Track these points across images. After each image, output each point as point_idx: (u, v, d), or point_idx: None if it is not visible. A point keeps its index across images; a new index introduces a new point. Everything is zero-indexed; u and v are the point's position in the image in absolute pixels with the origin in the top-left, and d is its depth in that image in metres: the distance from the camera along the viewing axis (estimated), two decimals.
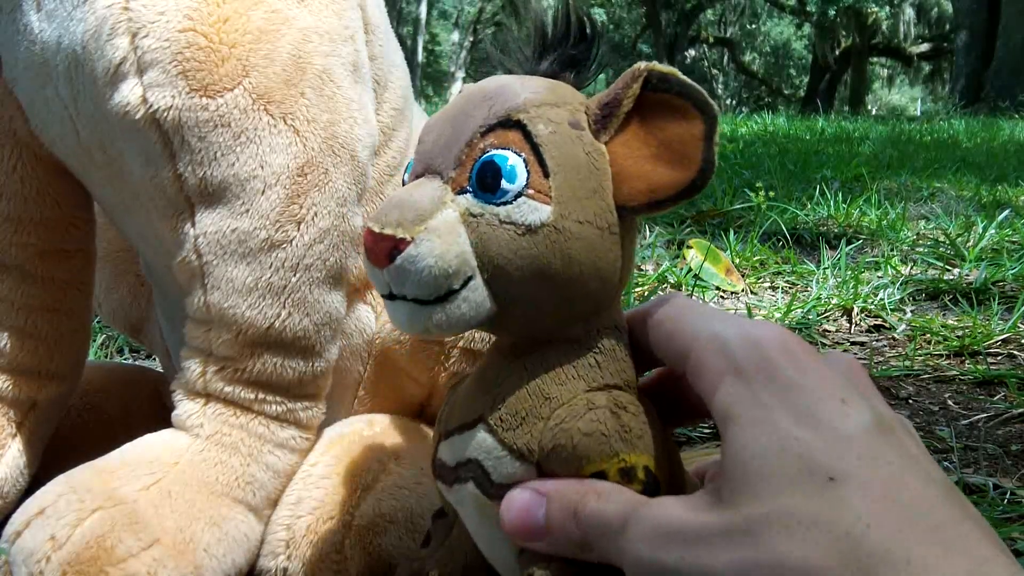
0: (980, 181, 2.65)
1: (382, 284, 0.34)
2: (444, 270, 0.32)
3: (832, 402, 0.30)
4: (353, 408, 0.64)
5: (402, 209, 0.33)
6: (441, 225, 0.32)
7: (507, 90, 0.34)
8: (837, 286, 1.34)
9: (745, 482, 0.29)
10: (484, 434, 0.35)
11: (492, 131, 0.33)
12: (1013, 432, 0.82)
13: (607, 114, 0.34)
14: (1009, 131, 4.98)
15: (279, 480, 0.53)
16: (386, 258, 0.32)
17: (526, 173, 0.33)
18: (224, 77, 0.50)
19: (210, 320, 0.52)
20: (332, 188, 0.53)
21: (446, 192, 0.33)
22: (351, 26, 0.56)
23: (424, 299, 0.33)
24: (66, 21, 0.51)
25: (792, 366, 0.31)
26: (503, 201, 0.33)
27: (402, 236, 0.32)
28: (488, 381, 0.36)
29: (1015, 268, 1.40)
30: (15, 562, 0.45)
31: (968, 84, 10.48)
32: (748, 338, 0.32)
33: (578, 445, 0.33)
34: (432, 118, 0.36)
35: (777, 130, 5.05)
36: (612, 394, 0.35)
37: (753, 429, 0.30)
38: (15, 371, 0.59)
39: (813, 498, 0.28)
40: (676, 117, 0.33)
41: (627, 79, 0.34)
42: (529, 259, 0.33)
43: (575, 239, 0.33)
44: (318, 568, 0.50)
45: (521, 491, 0.34)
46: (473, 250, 0.33)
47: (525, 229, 0.32)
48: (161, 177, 0.51)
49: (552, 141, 0.33)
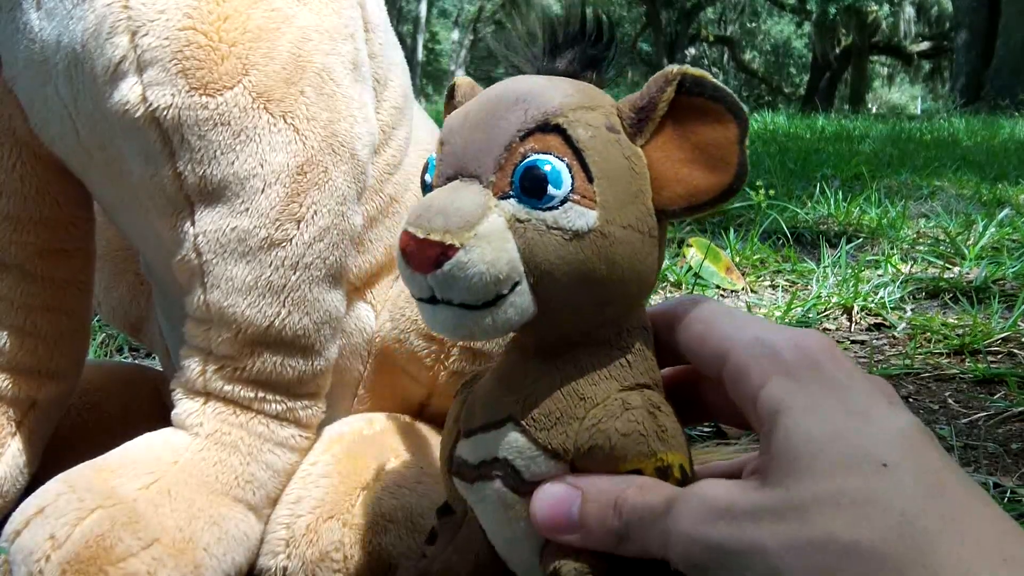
0: (980, 179, 2.65)
1: (423, 289, 0.33)
2: (495, 276, 0.32)
3: (880, 402, 0.31)
4: (353, 407, 0.64)
5: (447, 215, 0.32)
6: (490, 231, 0.32)
7: (540, 92, 0.34)
8: (837, 284, 1.34)
9: (796, 465, 0.29)
10: (515, 434, 0.35)
11: (531, 135, 0.33)
12: (1013, 431, 0.82)
13: (642, 118, 0.34)
14: (1009, 129, 4.98)
15: (279, 479, 0.53)
16: (432, 265, 0.32)
17: (571, 178, 0.32)
18: (224, 75, 0.50)
19: (210, 319, 0.52)
20: (332, 186, 0.53)
21: (489, 197, 0.33)
22: (351, 24, 0.56)
23: (472, 304, 0.32)
24: (66, 19, 0.51)
25: (839, 370, 0.32)
26: (549, 206, 0.32)
27: (451, 242, 0.31)
28: (514, 381, 0.36)
29: (1015, 266, 1.40)
30: (15, 561, 0.45)
31: (968, 82, 10.48)
32: (795, 342, 0.33)
33: (616, 445, 0.34)
34: (455, 119, 0.36)
35: (777, 128, 5.05)
36: (645, 393, 0.35)
37: (805, 418, 0.30)
38: (15, 370, 0.59)
39: (867, 480, 0.28)
40: (710, 121, 0.34)
41: (660, 83, 0.34)
42: (575, 264, 0.32)
43: (619, 244, 0.33)
44: (318, 567, 0.50)
45: (554, 485, 0.34)
46: (520, 255, 0.32)
47: (572, 235, 0.32)
48: (161, 176, 0.51)
49: (593, 146, 0.33)
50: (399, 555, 0.52)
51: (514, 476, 0.35)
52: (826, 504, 0.28)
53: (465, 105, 0.36)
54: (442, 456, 0.39)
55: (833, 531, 0.28)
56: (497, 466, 0.35)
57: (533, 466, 0.35)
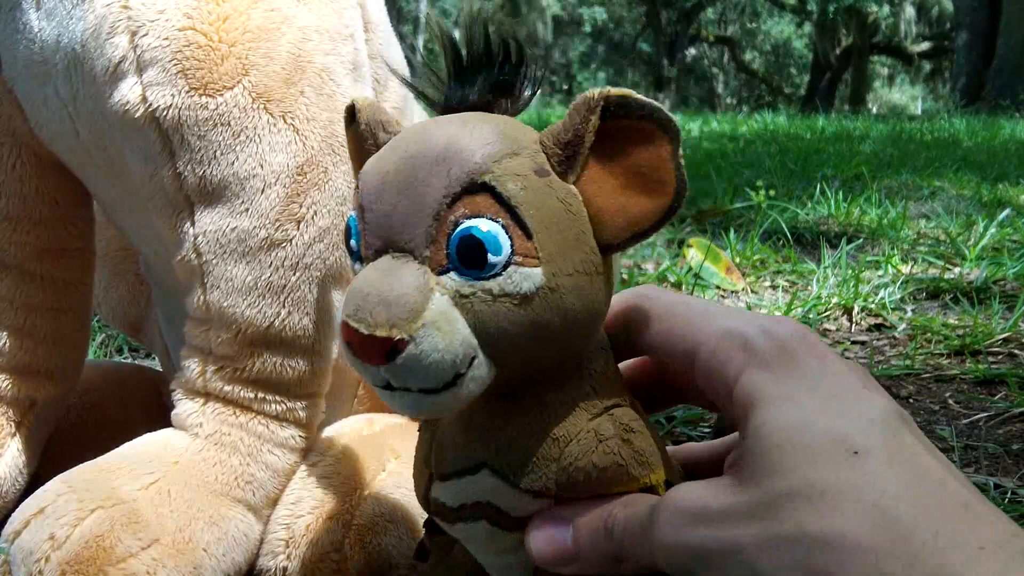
0: (981, 180, 2.65)
1: (377, 378, 0.31)
2: (451, 360, 0.30)
3: (855, 388, 0.31)
4: (353, 407, 0.64)
5: (388, 306, 0.30)
6: (437, 315, 0.30)
7: (460, 148, 0.31)
8: (837, 285, 1.34)
9: (767, 459, 0.29)
10: (494, 479, 0.34)
11: (459, 199, 0.31)
12: (1014, 431, 0.82)
13: (570, 154, 0.32)
14: (1010, 130, 4.97)
15: (279, 479, 0.53)
16: (382, 358, 0.30)
17: (508, 239, 0.30)
18: (224, 76, 0.50)
19: (210, 319, 0.52)
20: (332, 187, 0.53)
21: (428, 275, 0.31)
22: (351, 25, 0.56)
23: (432, 389, 0.31)
24: (65, 19, 0.51)
25: (813, 356, 0.31)
26: (492, 275, 0.30)
27: (399, 337, 0.29)
28: (482, 426, 0.35)
29: (1016, 267, 1.40)
30: (14, 561, 0.45)
31: (969, 83, 10.48)
32: (767, 331, 0.32)
33: (596, 479, 0.33)
34: (373, 181, 0.33)
35: (778, 129, 5.05)
36: (615, 417, 0.34)
37: (776, 409, 0.30)
38: (14, 370, 0.59)
39: (837, 470, 0.28)
40: (640, 141, 0.32)
41: (582, 111, 0.32)
42: (528, 325, 0.31)
43: (569, 293, 0.31)
44: (317, 568, 0.50)
45: (544, 523, 0.34)
46: (471, 330, 0.31)
47: (521, 299, 0.31)
48: (160, 176, 0.51)
49: (525, 198, 0.31)
50: (398, 555, 0.52)
51: (500, 515, 0.34)
52: (796, 498, 0.28)
53: (378, 162, 0.33)
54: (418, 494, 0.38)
55: (804, 525, 0.27)
56: (480, 509, 0.35)
57: (519, 505, 0.34)
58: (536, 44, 2.46)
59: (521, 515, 0.34)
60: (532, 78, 0.35)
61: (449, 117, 0.34)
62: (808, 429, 0.29)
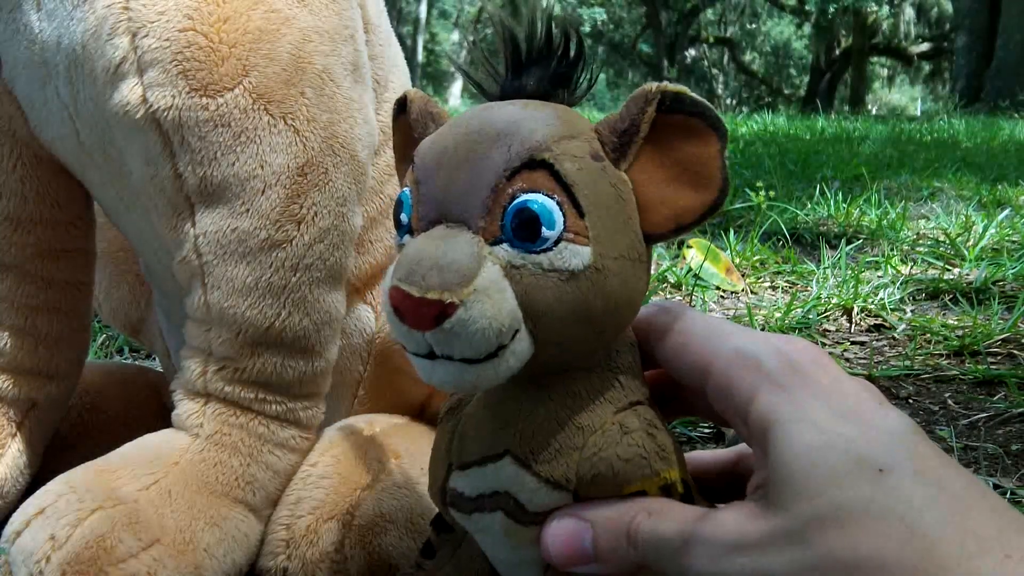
0: (980, 180, 2.65)
1: (420, 345, 0.32)
2: (498, 329, 0.31)
3: (871, 404, 0.31)
4: (353, 408, 0.64)
5: (441, 270, 0.30)
6: (488, 283, 0.31)
7: (521, 126, 0.32)
8: (837, 286, 1.34)
9: (791, 481, 0.29)
10: (515, 467, 0.34)
11: (518, 173, 0.32)
12: (1013, 432, 0.82)
13: (625, 142, 0.33)
14: (1009, 131, 4.98)
15: (279, 480, 0.53)
16: (431, 323, 0.30)
17: (562, 216, 0.31)
18: (224, 77, 0.50)
19: (210, 320, 0.52)
20: (332, 188, 0.53)
21: (481, 245, 0.31)
22: (351, 26, 0.56)
23: (474, 358, 0.31)
24: (66, 21, 0.51)
25: (826, 375, 0.32)
26: (544, 248, 0.31)
27: (450, 300, 0.30)
28: (508, 413, 0.35)
29: (1015, 267, 1.40)
30: (15, 562, 0.45)
31: (968, 84, 10.48)
32: (779, 351, 0.32)
33: (619, 471, 0.33)
34: (430, 156, 0.34)
35: (777, 130, 5.05)
36: (640, 412, 0.34)
37: (796, 429, 0.30)
38: (15, 371, 0.59)
39: (864, 489, 0.28)
40: (691, 137, 0.33)
41: (640, 102, 0.33)
42: (572, 303, 0.32)
43: (613, 276, 0.32)
44: (318, 568, 0.50)
45: (562, 520, 0.34)
46: (518, 302, 0.31)
47: (568, 275, 0.31)
48: (161, 177, 0.51)
49: (581, 179, 0.32)
50: (399, 556, 0.52)
51: (516, 508, 0.35)
52: (825, 522, 0.28)
53: (437, 138, 0.34)
54: (434, 486, 0.38)
55: (834, 550, 0.27)
56: (498, 499, 0.35)
57: (536, 498, 0.34)
58: None
59: (538, 510, 0.34)
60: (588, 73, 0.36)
61: (509, 101, 0.35)
62: (831, 450, 0.29)
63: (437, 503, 0.39)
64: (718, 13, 21.10)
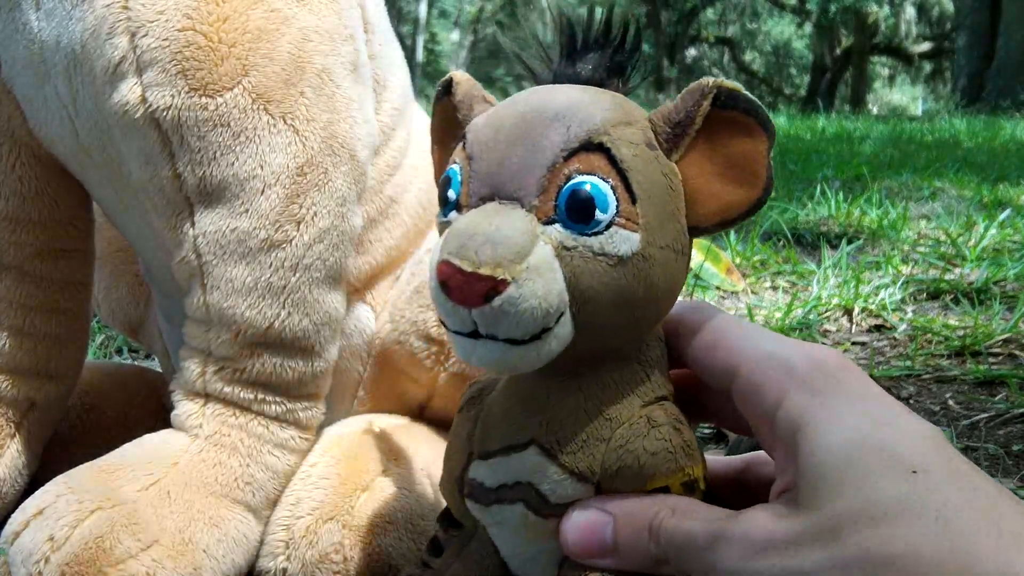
0: (981, 180, 2.65)
1: (466, 323, 0.31)
2: (546, 310, 0.30)
3: (900, 410, 0.31)
4: (353, 408, 0.64)
5: (495, 245, 0.30)
6: (540, 263, 0.30)
7: (580, 108, 0.32)
8: (838, 286, 1.34)
9: (824, 481, 0.29)
10: (540, 457, 0.34)
11: (575, 155, 0.31)
12: (1014, 432, 0.82)
13: (679, 133, 0.33)
14: (1010, 130, 4.97)
15: (278, 480, 0.53)
16: (480, 300, 0.30)
17: (615, 200, 0.31)
18: (223, 76, 0.50)
19: (209, 320, 0.52)
20: (332, 188, 0.53)
21: (535, 223, 0.31)
22: (351, 25, 0.56)
23: (519, 339, 0.31)
24: (65, 20, 0.51)
25: (856, 381, 0.32)
26: (596, 231, 0.31)
27: (503, 276, 0.29)
28: (535, 401, 0.35)
29: (1016, 268, 1.40)
30: (14, 562, 0.45)
31: (969, 83, 10.48)
32: (809, 356, 0.32)
33: (645, 464, 0.33)
34: (485, 133, 0.33)
35: (778, 129, 5.03)
36: (666, 407, 0.34)
37: (828, 430, 0.30)
38: (14, 371, 0.59)
39: (899, 487, 0.28)
40: (741, 134, 0.33)
41: (696, 96, 0.33)
42: (617, 289, 0.31)
43: (658, 265, 0.32)
44: (317, 569, 0.50)
45: (583, 511, 0.34)
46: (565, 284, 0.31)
47: (617, 260, 0.31)
48: (160, 177, 0.51)
49: (636, 165, 0.32)
50: (399, 556, 0.52)
51: (538, 499, 0.34)
52: (859, 519, 0.28)
53: (492, 116, 0.34)
54: (450, 476, 0.38)
55: (869, 547, 0.27)
56: (519, 490, 0.35)
57: (559, 489, 0.34)
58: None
59: (559, 502, 0.34)
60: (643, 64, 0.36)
61: (566, 85, 0.35)
62: (864, 449, 0.29)
63: (451, 495, 0.38)
64: (718, 13, 21.10)
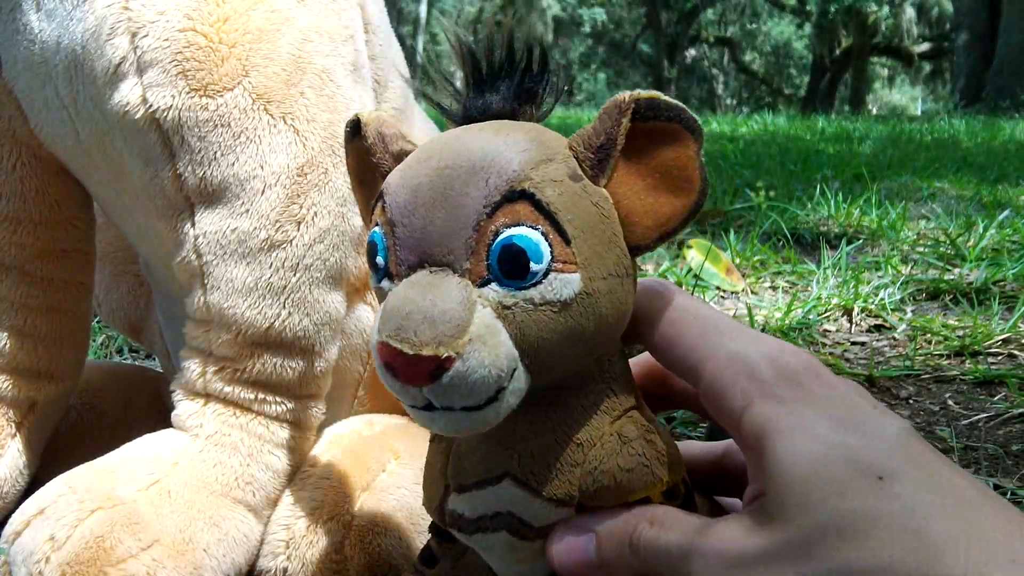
0: (981, 181, 2.65)
1: (418, 399, 0.30)
2: (497, 375, 0.30)
3: (866, 409, 0.31)
4: (353, 408, 0.64)
5: (433, 323, 0.29)
6: (482, 330, 0.29)
7: (496, 156, 0.31)
8: (837, 286, 1.34)
9: (791, 494, 0.29)
10: (516, 489, 0.34)
11: (499, 208, 0.30)
12: (1013, 432, 0.82)
13: (602, 157, 0.32)
14: (1010, 131, 4.97)
15: (279, 480, 0.53)
16: (428, 379, 0.29)
17: (548, 246, 0.30)
18: (224, 77, 0.50)
19: (210, 320, 0.52)
20: (332, 188, 0.53)
21: (470, 289, 0.30)
22: (351, 26, 0.56)
23: (475, 406, 0.30)
24: (65, 21, 0.51)
25: (820, 383, 0.31)
26: (533, 283, 0.30)
27: (447, 355, 0.29)
28: (504, 434, 0.34)
29: (1016, 268, 1.40)
30: (14, 562, 0.45)
31: (969, 84, 10.48)
32: (772, 360, 0.32)
33: (621, 481, 0.33)
34: (402, 195, 0.32)
35: (778, 130, 5.05)
36: (635, 419, 0.34)
37: (793, 439, 0.30)
38: (14, 371, 0.59)
39: (867, 498, 0.28)
40: (667, 142, 0.32)
41: (614, 114, 0.32)
42: (566, 332, 0.31)
43: (603, 296, 0.31)
44: (318, 568, 0.50)
45: (567, 532, 0.34)
46: (513, 341, 0.30)
47: (560, 306, 0.30)
48: (161, 177, 0.51)
49: (563, 204, 0.31)
50: (399, 556, 0.52)
51: (521, 525, 0.34)
52: (829, 533, 0.28)
53: (408, 174, 0.33)
54: (431, 505, 0.37)
55: (839, 561, 0.27)
56: (500, 519, 0.34)
57: (541, 515, 0.34)
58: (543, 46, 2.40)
59: (542, 524, 0.34)
60: (555, 85, 0.35)
61: (478, 126, 0.33)
62: (829, 459, 0.29)
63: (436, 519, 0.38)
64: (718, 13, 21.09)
